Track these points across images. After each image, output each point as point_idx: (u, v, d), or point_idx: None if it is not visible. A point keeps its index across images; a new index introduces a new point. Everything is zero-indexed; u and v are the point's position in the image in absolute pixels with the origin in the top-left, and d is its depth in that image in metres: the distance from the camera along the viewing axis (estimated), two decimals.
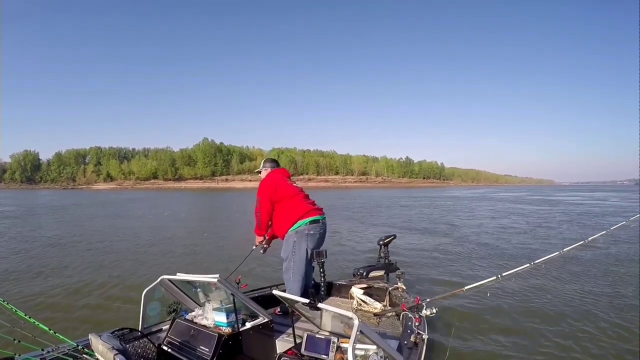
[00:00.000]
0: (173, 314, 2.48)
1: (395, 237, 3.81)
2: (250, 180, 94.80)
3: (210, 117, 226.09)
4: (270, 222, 3.12)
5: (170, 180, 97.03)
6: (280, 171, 3.23)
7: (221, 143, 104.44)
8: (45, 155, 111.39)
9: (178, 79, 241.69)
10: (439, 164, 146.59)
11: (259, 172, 3.32)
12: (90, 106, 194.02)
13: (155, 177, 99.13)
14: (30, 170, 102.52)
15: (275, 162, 3.34)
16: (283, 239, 3.06)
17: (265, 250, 3.24)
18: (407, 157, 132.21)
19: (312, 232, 2.97)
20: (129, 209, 19.30)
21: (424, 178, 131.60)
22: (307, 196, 3.14)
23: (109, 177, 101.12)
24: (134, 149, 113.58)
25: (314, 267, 3.19)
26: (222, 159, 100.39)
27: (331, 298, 3.35)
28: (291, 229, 2.95)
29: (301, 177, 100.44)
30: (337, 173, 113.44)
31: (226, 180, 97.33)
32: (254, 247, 3.25)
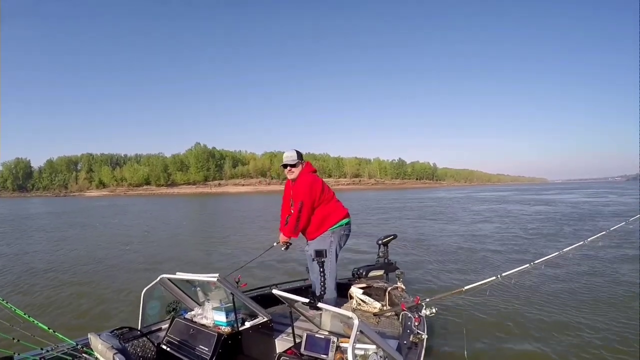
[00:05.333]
0: (172, 313, 2.48)
1: (395, 237, 3.80)
2: (243, 185, 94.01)
3: (203, 121, 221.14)
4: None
5: (163, 186, 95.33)
6: (313, 169, 3.17)
7: (214, 148, 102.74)
8: (37, 163, 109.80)
9: (169, 84, 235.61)
10: (432, 165, 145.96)
11: (292, 166, 3.03)
12: (81, 112, 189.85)
13: (148, 183, 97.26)
14: (22, 178, 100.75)
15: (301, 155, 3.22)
16: (310, 239, 3.07)
17: (287, 247, 3.22)
18: (399, 158, 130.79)
19: (346, 232, 3.11)
20: (86, 218, 18.85)
21: (416, 179, 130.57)
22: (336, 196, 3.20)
23: (102, 184, 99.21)
24: (126, 155, 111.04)
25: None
26: (215, 164, 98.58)
27: None
28: (330, 228, 3.01)
29: None
30: (330, 176, 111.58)
31: (219, 185, 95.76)
32: (275, 244, 3.25)
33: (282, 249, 3.22)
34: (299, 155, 3.10)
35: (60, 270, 6.36)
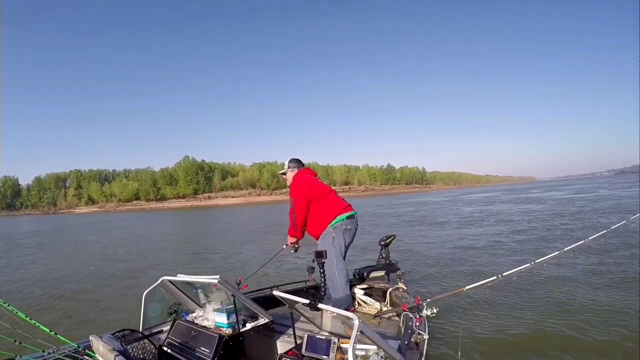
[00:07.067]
0: (174, 314, 2.49)
1: (394, 237, 3.81)
2: (233, 197, 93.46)
3: (190, 135, 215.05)
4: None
5: (152, 200, 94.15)
6: (308, 170, 3.21)
7: (202, 160, 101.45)
8: (25, 180, 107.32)
9: (155, 98, 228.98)
10: (420, 169, 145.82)
11: (284, 174, 3.25)
12: (67, 128, 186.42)
13: (137, 198, 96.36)
14: (10, 196, 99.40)
15: (300, 162, 3.28)
16: (317, 238, 3.05)
17: (296, 250, 3.22)
18: (388, 164, 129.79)
19: (349, 227, 3.00)
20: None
21: (406, 184, 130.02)
22: (336, 193, 3.16)
23: (91, 200, 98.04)
24: (114, 171, 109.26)
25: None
26: (204, 177, 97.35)
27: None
28: (330, 224, 2.97)
29: (284, 190, 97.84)
30: None
31: (209, 197, 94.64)
32: (285, 246, 3.26)
33: (292, 251, 3.23)
34: (292, 162, 3.23)
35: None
